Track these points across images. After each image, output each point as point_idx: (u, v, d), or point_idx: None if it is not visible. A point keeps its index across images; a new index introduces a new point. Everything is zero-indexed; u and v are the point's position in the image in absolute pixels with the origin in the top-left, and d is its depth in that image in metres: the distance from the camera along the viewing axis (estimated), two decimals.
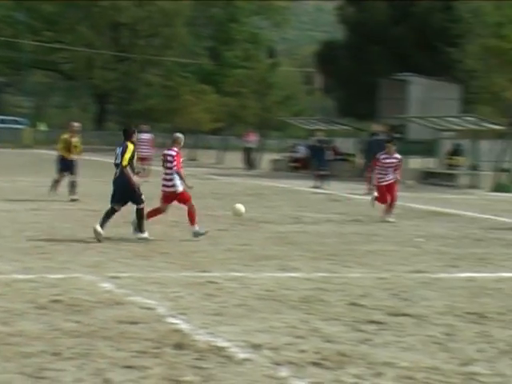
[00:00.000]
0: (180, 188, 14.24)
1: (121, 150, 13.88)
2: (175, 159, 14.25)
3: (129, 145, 13.91)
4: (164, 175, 14.39)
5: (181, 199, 14.32)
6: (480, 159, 32.41)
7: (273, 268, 11.53)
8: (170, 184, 14.25)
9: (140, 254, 12.32)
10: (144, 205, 13.88)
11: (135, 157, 14.00)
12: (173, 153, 14.37)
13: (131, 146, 13.91)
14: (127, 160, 13.74)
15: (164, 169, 14.41)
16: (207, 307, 8.82)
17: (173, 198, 14.32)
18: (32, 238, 13.52)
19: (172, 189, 14.24)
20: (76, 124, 21.38)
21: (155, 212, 14.51)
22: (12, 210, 17.58)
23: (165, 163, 14.38)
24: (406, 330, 8.11)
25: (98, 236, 13.44)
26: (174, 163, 14.21)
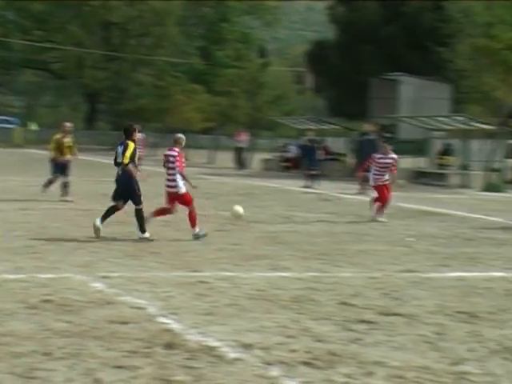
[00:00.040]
0: (182, 189, 14.25)
1: (122, 150, 13.99)
2: (177, 160, 14.27)
3: (129, 143, 14.02)
4: (166, 176, 14.40)
5: (182, 201, 14.32)
6: (470, 159, 32.49)
7: (264, 268, 11.53)
8: (173, 184, 14.26)
9: (131, 254, 12.31)
10: (142, 205, 13.96)
11: (137, 155, 14.10)
12: (174, 153, 14.36)
13: (132, 145, 14.01)
14: (128, 158, 13.85)
15: (166, 169, 14.41)
16: (198, 307, 8.82)
17: (176, 199, 14.35)
18: (22, 238, 13.49)
19: (174, 189, 14.26)
20: (68, 124, 21.32)
21: (163, 211, 14.54)
22: (2, 210, 17.53)
23: (166, 164, 14.39)
24: (397, 330, 8.12)
25: (97, 231, 13.58)
26: (177, 164, 14.23)
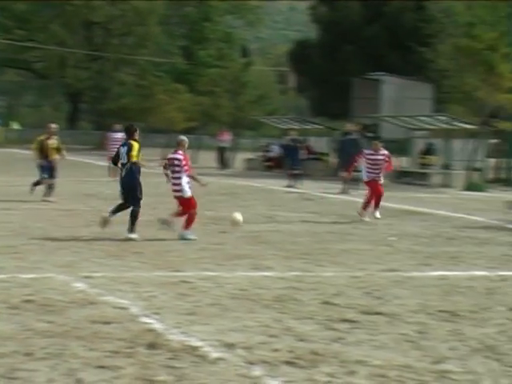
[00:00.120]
0: (188, 193, 14.27)
1: (125, 150, 14.11)
2: (183, 163, 14.26)
3: (133, 143, 14.15)
4: (172, 179, 14.40)
5: (187, 204, 14.31)
6: (452, 158, 32.59)
7: (246, 267, 11.53)
8: (179, 188, 14.29)
9: (113, 254, 12.28)
10: (140, 208, 14.09)
11: (140, 154, 14.24)
12: (179, 156, 14.36)
13: (136, 144, 14.15)
14: (136, 156, 14.02)
15: (171, 173, 14.40)
16: (180, 307, 8.82)
17: (181, 202, 14.39)
18: (4, 238, 13.44)
19: (180, 193, 14.29)
20: (53, 125, 21.18)
21: (181, 214, 14.53)
22: None
23: (171, 167, 14.38)
24: (379, 329, 8.15)
25: (105, 223, 13.91)
26: (184, 167, 14.25)
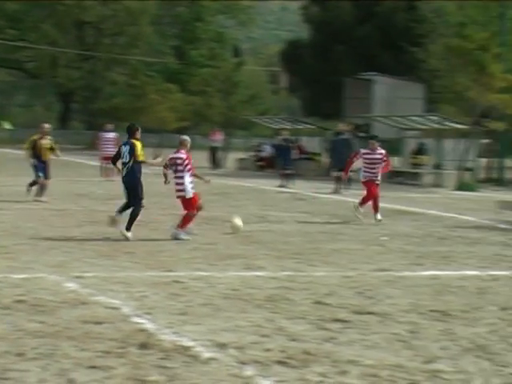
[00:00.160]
0: (190, 194, 14.25)
1: (128, 149, 14.13)
2: (186, 162, 14.24)
3: (135, 142, 14.19)
4: (175, 179, 14.39)
5: (188, 204, 14.28)
6: (444, 158, 32.64)
7: (238, 267, 11.53)
8: (181, 188, 14.27)
9: (105, 254, 12.27)
10: (141, 208, 14.14)
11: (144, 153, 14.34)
12: (182, 156, 14.34)
13: (138, 143, 14.19)
14: (142, 155, 14.09)
15: (174, 173, 14.38)
16: (172, 307, 8.81)
17: (182, 201, 14.37)
18: None
19: (182, 193, 14.27)
20: (46, 125, 21.14)
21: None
22: None
23: (173, 167, 14.36)
24: (371, 328, 8.16)
25: (113, 223, 14.00)
26: (188, 167, 14.23)
